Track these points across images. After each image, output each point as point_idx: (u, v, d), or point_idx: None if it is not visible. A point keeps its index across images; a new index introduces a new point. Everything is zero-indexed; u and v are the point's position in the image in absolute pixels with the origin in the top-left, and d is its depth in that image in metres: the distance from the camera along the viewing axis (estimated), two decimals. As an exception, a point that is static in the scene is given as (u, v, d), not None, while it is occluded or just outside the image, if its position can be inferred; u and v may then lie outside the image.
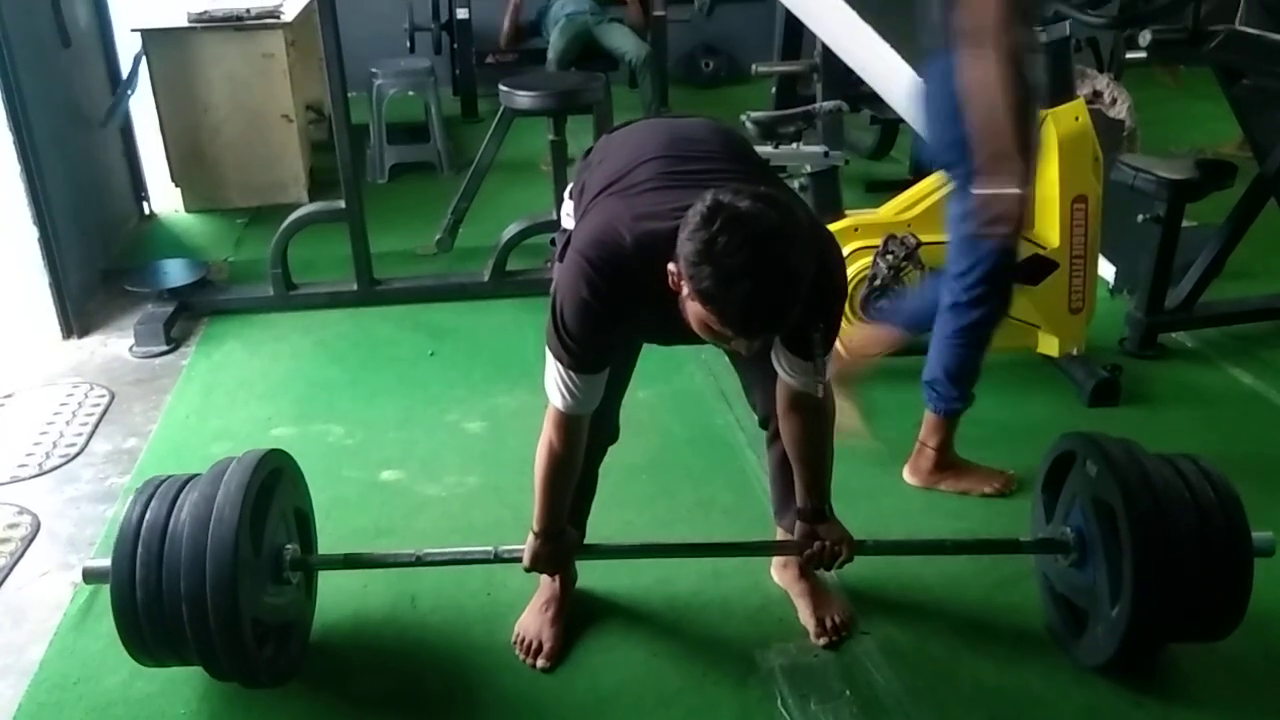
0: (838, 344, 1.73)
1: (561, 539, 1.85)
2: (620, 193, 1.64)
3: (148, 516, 1.77)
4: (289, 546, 1.89)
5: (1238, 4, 3.63)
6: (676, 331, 1.55)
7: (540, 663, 1.96)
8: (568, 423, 1.70)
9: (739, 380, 2.01)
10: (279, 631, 1.88)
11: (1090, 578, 1.86)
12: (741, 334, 1.43)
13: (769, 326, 1.44)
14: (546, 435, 1.72)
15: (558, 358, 1.63)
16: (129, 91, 4.32)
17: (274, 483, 1.87)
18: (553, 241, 1.97)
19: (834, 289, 1.63)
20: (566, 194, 1.86)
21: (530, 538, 1.83)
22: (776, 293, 1.38)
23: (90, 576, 1.86)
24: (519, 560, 1.86)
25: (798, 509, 1.87)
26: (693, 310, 1.45)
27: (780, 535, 2.08)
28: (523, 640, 2.00)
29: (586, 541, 2.05)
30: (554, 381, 1.67)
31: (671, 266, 1.45)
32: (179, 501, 1.79)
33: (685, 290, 1.44)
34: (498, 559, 1.90)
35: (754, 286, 1.36)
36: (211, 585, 1.67)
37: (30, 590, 2.21)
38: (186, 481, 1.85)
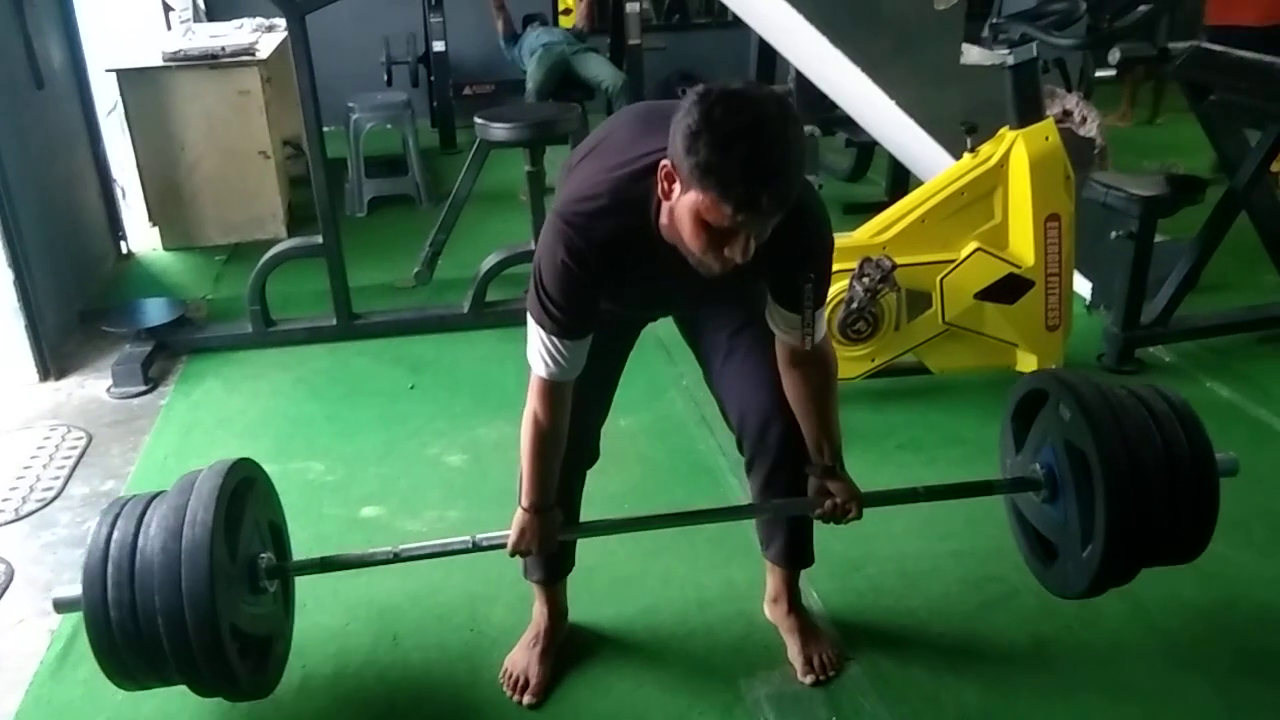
0: None
1: (549, 514, 1.80)
2: (595, 155, 1.66)
3: (115, 536, 1.72)
4: (264, 555, 1.85)
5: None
6: (661, 287, 1.54)
7: (526, 699, 1.94)
8: (552, 390, 1.67)
9: (716, 403, 1.99)
10: (259, 644, 1.83)
11: (1061, 515, 1.88)
12: (744, 205, 1.36)
13: (771, 191, 1.37)
14: (531, 406, 1.70)
15: (540, 324, 1.62)
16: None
17: (246, 490, 1.84)
18: None
19: (824, 238, 1.66)
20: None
21: (519, 513, 1.78)
22: (776, 153, 1.36)
23: (62, 606, 1.78)
24: (499, 547, 1.82)
25: (808, 465, 1.85)
26: (686, 210, 1.41)
27: (768, 566, 2.07)
28: (510, 675, 1.98)
29: (571, 576, 2.05)
30: (537, 350, 1.65)
31: (664, 163, 1.43)
32: (146, 518, 1.74)
33: (678, 187, 1.41)
34: (476, 548, 1.86)
35: (753, 146, 1.34)
36: (188, 593, 1.63)
37: (5, 639, 2.18)
38: (152, 499, 1.80)
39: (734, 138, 1.34)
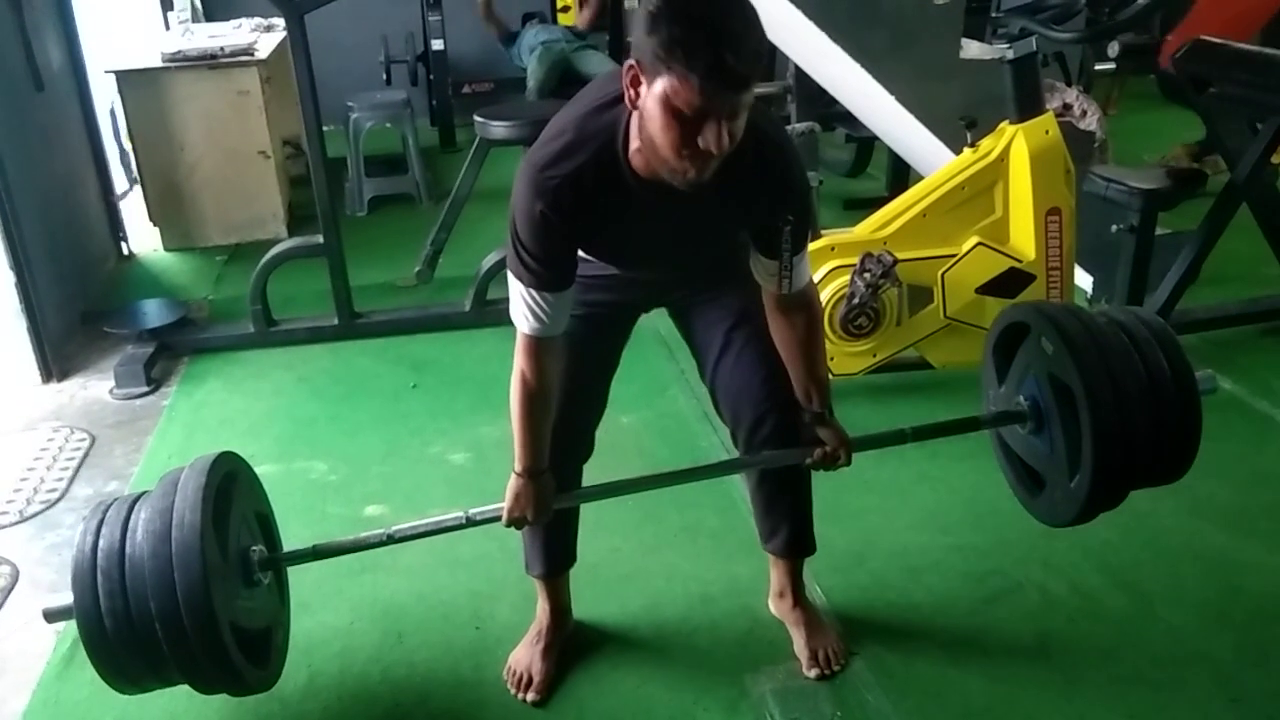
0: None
1: (543, 478, 1.78)
2: (561, 110, 1.66)
3: (101, 544, 1.69)
4: (255, 548, 1.83)
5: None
6: (639, 232, 1.55)
7: (530, 696, 1.94)
8: (537, 346, 1.66)
9: (710, 398, 1.99)
10: (258, 636, 1.82)
11: (1046, 446, 1.88)
12: (710, 71, 1.35)
13: (735, 53, 1.35)
14: (518, 365, 1.69)
15: (519, 278, 1.61)
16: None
17: (230, 486, 1.81)
18: None
19: (800, 181, 1.67)
20: None
21: (512, 479, 1.77)
22: (736, 19, 1.37)
23: (53, 616, 1.75)
24: (493, 520, 1.80)
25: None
26: (654, 104, 1.39)
27: (771, 560, 2.07)
28: (513, 673, 1.99)
29: (574, 573, 2.06)
30: (519, 307, 1.64)
31: (629, 65, 1.42)
32: (131, 522, 1.71)
33: (644, 86, 1.41)
34: (470, 522, 1.84)
35: (712, 14, 1.36)
36: (184, 598, 1.61)
37: (11, 641, 2.19)
38: (135, 501, 1.77)
39: (692, 7, 1.37)
